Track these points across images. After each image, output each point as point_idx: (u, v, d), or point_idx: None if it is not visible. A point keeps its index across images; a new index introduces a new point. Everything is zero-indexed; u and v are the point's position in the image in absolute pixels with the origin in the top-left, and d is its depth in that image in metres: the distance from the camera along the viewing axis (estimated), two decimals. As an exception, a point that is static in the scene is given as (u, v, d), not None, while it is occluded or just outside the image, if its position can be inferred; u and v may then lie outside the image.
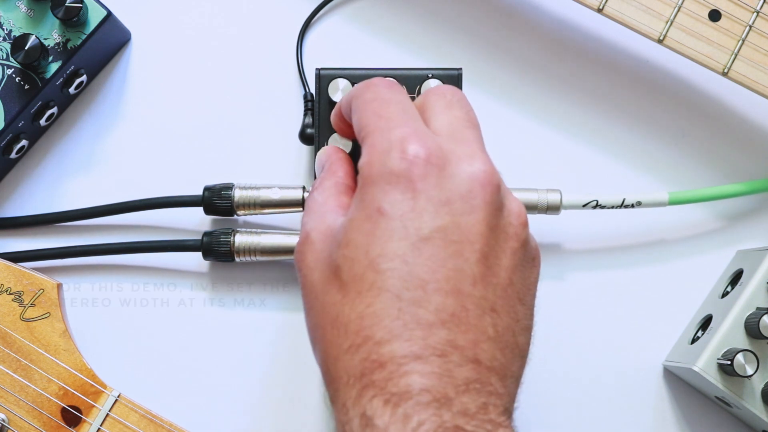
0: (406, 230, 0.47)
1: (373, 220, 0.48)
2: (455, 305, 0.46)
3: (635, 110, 0.72)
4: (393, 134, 0.49)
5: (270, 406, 0.70)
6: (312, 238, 0.51)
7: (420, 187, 0.48)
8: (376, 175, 0.49)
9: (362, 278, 0.47)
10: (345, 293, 0.48)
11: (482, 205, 0.48)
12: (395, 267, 0.47)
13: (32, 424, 0.64)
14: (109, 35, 0.70)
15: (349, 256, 0.48)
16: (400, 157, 0.48)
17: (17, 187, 0.72)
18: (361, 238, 0.48)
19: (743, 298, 0.64)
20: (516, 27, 0.73)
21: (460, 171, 0.49)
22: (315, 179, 0.57)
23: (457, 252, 0.47)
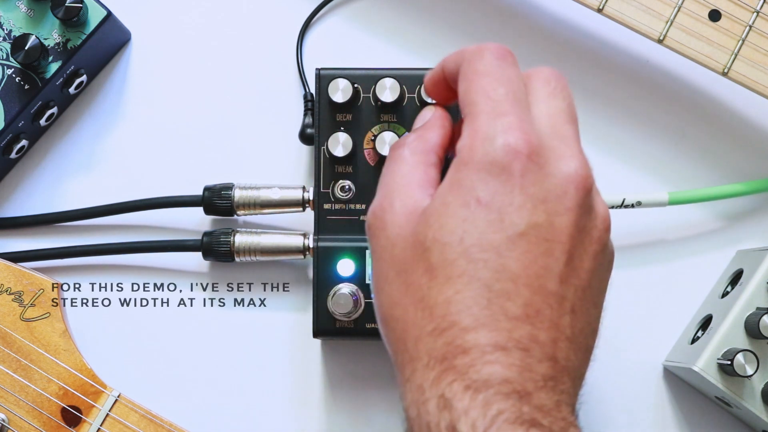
0: (503, 223, 0.47)
1: (471, 207, 0.48)
2: (541, 302, 0.47)
3: (635, 110, 0.72)
4: (500, 122, 0.49)
5: (270, 406, 0.70)
6: (396, 209, 0.51)
7: (520, 182, 0.48)
8: (477, 162, 0.48)
9: (453, 264, 0.47)
10: (432, 276, 0.48)
11: (574, 207, 0.49)
12: (489, 258, 0.47)
13: (32, 424, 0.64)
14: (109, 35, 0.70)
15: (442, 241, 0.48)
16: (504, 149, 0.48)
17: (17, 187, 0.72)
18: (457, 224, 0.48)
19: (743, 298, 0.64)
20: (516, 27, 0.72)
21: (558, 170, 0.49)
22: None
23: (548, 251, 0.48)
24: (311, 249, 0.67)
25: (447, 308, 0.47)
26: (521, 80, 0.52)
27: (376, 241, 0.51)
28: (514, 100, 0.50)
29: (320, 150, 0.67)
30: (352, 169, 0.67)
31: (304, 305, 0.70)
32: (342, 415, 0.70)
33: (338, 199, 0.67)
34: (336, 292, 0.65)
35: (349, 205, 0.67)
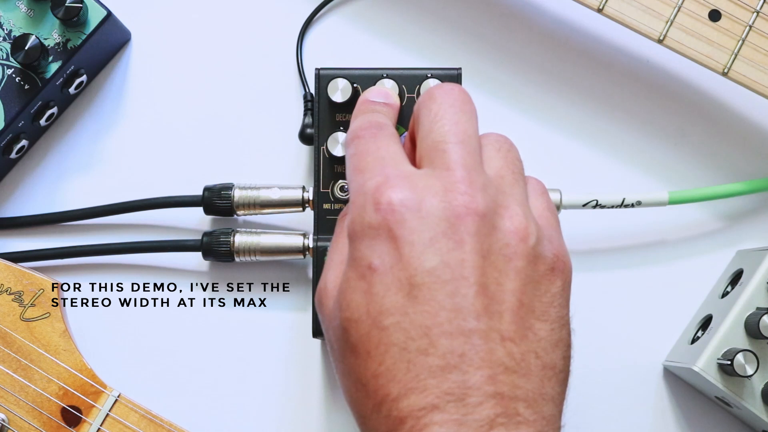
0: (399, 282, 0.47)
1: (367, 278, 0.47)
2: (463, 345, 0.45)
3: (635, 110, 0.72)
4: (366, 187, 0.49)
5: (270, 405, 0.70)
6: (329, 292, 0.51)
7: (400, 233, 0.47)
8: (359, 232, 0.48)
9: (368, 338, 0.47)
10: (357, 355, 0.47)
11: (467, 237, 0.47)
12: (397, 320, 0.46)
13: (32, 424, 0.64)
14: (109, 35, 0.70)
15: (352, 319, 0.48)
16: (374, 209, 0.48)
17: (17, 187, 0.72)
18: (360, 298, 0.48)
19: (743, 298, 0.64)
20: (516, 27, 0.72)
21: (433, 206, 0.47)
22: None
23: (453, 291, 0.46)
24: (311, 249, 0.67)
25: (376, 382, 0.46)
26: (393, 139, 0.53)
27: (324, 332, 0.52)
28: (379, 161, 0.51)
29: (320, 150, 0.67)
30: (352, 169, 0.67)
31: (304, 305, 0.70)
32: (342, 415, 0.70)
33: (338, 199, 0.67)
34: (336, 292, 0.65)
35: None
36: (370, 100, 0.59)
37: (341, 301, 0.49)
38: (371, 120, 0.54)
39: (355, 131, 0.53)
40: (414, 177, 0.49)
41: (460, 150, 0.50)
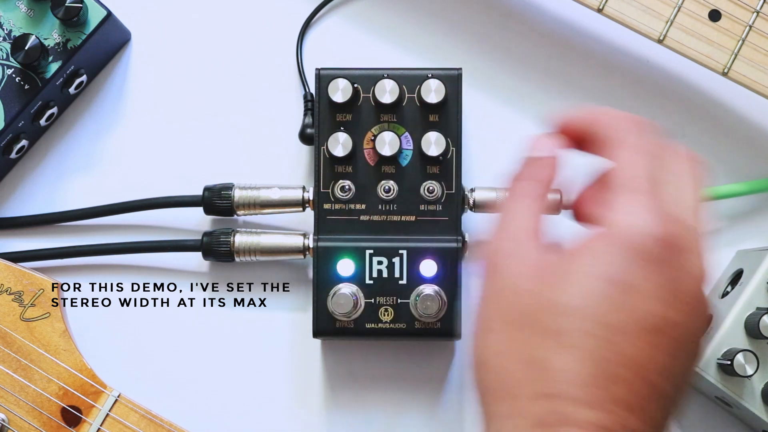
0: (633, 308, 0.47)
1: (604, 283, 0.47)
2: (647, 394, 0.47)
3: (635, 110, 0.72)
4: (652, 206, 0.48)
5: (270, 405, 0.70)
6: (519, 256, 0.50)
7: (659, 270, 0.47)
8: (623, 241, 0.47)
9: (572, 334, 0.47)
10: (546, 339, 0.47)
11: (697, 310, 0.49)
12: (611, 339, 0.46)
13: (32, 424, 0.64)
14: (109, 35, 0.70)
15: (566, 307, 0.47)
16: (653, 236, 0.47)
17: (17, 187, 0.72)
18: (585, 296, 0.47)
19: (743, 298, 0.64)
20: (516, 27, 0.72)
21: (693, 268, 0.49)
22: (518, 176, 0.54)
23: (665, 346, 0.47)
24: (311, 249, 0.67)
25: (556, 375, 0.46)
26: (672, 162, 0.51)
27: (490, 282, 0.50)
28: (665, 185, 0.50)
29: (320, 150, 0.67)
30: (352, 169, 0.67)
31: (304, 305, 0.70)
32: (342, 415, 0.70)
33: (338, 199, 0.67)
34: (336, 292, 0.65)
35: (348, 205, 0.67)
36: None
37: (559, 283, 0.48)
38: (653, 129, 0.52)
39: (648, 124, 0.53)
40: (684, 224, 0.50)
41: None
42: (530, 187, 0.53)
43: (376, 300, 0.66)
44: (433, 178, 0.67)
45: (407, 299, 0.66)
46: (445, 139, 0.66)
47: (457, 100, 0.67)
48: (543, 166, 0.54)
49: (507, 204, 0.52)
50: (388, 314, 0.66)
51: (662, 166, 0.51)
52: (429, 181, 0.67)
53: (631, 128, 0.52)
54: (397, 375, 0.70)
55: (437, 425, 0.70)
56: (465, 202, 0.67)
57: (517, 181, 0.53)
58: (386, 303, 0.66)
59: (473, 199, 0.68)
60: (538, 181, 0.53)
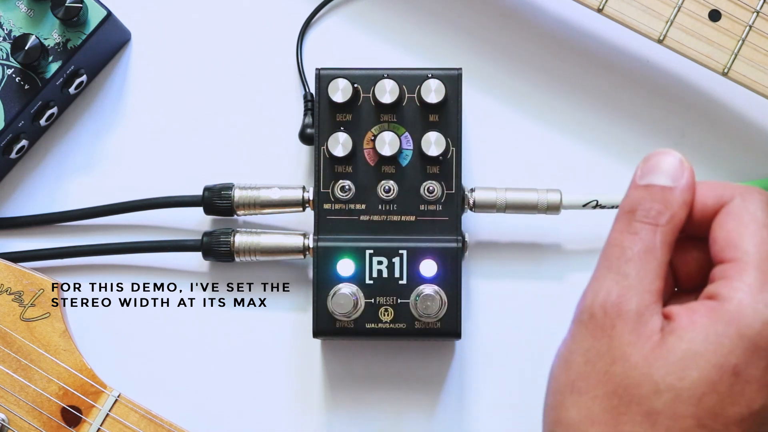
0: (743, 398, 0.45)
1: (723, 373, 0.44)
2: None
3: (635, 110, 0.72)
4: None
5: (270, 406, 0.70)
6: (632, 319, 0.45)
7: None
8: (745, 326, 0.44)
9: (681, 420, 0.44)
10: (653, 423, 0.44)
11: None
12: (717, 429, 0.44)
13: (32, 424, 0.64)
14: (109, 35, 0.70)
15: (678, 391, 0.44)
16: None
17: (17, 187, 0.72)
18: (700, 382, 0.44)
19: (743, 298, 0.64)
20: (516, 27, 0.72)
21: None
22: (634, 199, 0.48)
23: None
24: (311, 249, 0.67)
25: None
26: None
27: (596, 342, 0.46)
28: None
29: (320, 150, 0.67)
30: (352, 169, 0.67)
31: (304, 305, 0.70)
32: (342, 415, 0.70)
33: (338, 199, 0.67)
34: (336, 292, 0.65)
35: (348, 205, 0.67)
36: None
37: (674, 362, 0.45)
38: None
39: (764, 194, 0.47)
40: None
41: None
42: (659, 236, 0.46)
43: (376, 300, 0.66)
44: (433, 178, 0.67)
45: (407, 299, 0.66)
46: (445, 139, 0.66)
47: (457, 100, 0.67)
48: (673, 203, 0.47)
49: (626, 251, 0.47)
50: (388, 314, 0.66)
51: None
52: (429, 181, 0.67)
53: (755, 198, 0.47)
54: (397, 375, 0.70)
55: (437, 425, 0.70)
56: (465, 202, 0.67)
57: (639, 221, 0.47)
58: (386, 303, 0.66)
59: (473, 199, 0.68)
60: (670, 225, 0.47)
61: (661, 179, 0.47)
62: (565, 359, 0.47)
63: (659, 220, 0.46)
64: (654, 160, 0.48)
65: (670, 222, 0.47)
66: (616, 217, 0.48)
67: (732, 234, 0.46)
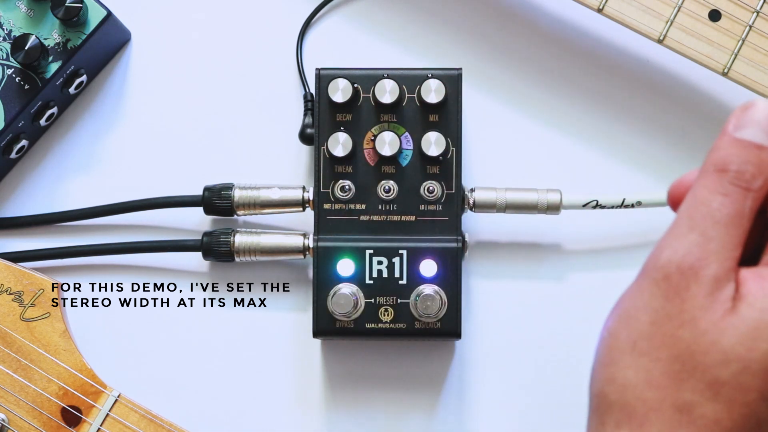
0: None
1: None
2: None
3: (635, 110, 0.72)
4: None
5: (270, 406, 0.70)
6: (709, 283, 0.43)
7: None
8: None
9: (744, 391, 0.42)
10: (715, 393, 0.43)
11: None
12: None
13: (32, 424, 0.64)
14: (109, 35, 0.70)
15: (745, 361, 0.42)
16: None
17: (17, 187, 0.72)
18: (765, 362, 0.42)
19: (743, 298, 0.64)
20: (516, 27, 0.72)
21: None
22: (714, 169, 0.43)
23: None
24: (311, 249, 0.67)
25: (711, 427, 0.42)
26: None
27: (664, 301, 0.44)
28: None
29: (320, 150, 0.67)
30: (352, 169, 0.67)
31: (304, 305, 0.70)
32: (342, 415, 0.70)
33: (338, 199, 0.67)
34: (336, 292, 0.65)
35: (348, 205, 0.67)
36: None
37: (743, 332, 0.43)
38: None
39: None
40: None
41: None
42: (753, 200, 0.43)
43: (376, 300, 0.66)
44: (433, 178, 0.67)
45: (407, 299, 0.66)
46: (445, 139, 0.66)
47: (457, 100, 0.67)
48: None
49: (714, 211, 0.43)
50: (388, 314, 0.66)
51: None
52: (429, 181, 0.67)
53: None
54: (397, 375, 0.70)
55: (437, 425, 0.70)
56: (465, 202, 0.67)
57: (732, 183, 0.43)
58: (386, 303, 0.66)
59: (473, 199, 0.68)
60: (763, 191, 0.43)
61: (758, 136, 0.43)
62: (628, 315, 0.45)
63: (752, 184, 0.43)
64: (752, 111, 0.43)
65: (763, 188, 0.43)
66: (703, 170, 0.43)
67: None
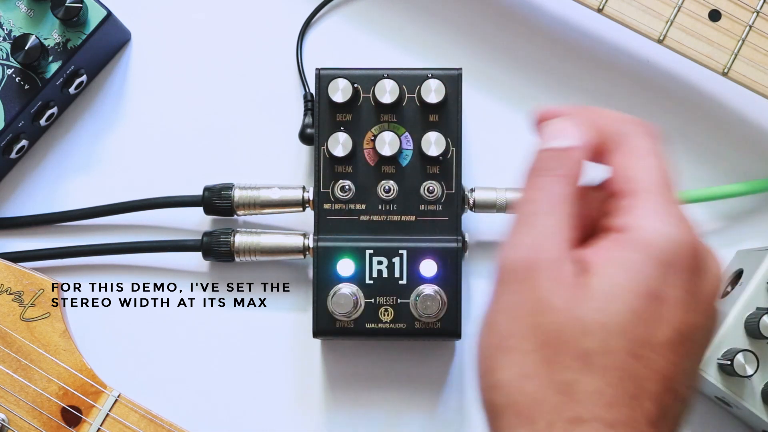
0: (671, 322, 0.45)
1: (642, 299, 0.45)
2: (672, 406, 0.46)
3: (635, 110, 0.72)
4: (674, 211, 0.47)
5: (270, 406, 0.70)
6: (548, 267, 0.46)
7: (689, 278, 0.46)
8: (653, 248, 0.45)
9: (613, 355, 0.45)
10: (587, 363, 0.45)
11: (717, 311, 0.48)
12: (650, 357, 0.45)
13: (32, 424, 0.64)
14: (109, 35, 0.70)
15: (606, 326, 0.45)
16: (679, 242, 0.46)
17: (17, 187, 0.72)
18: (625, 313, 0.45)
19: (743, 298, 0.64)
20: (516, 27, 0.72)
21: (711, 274, 0.47)
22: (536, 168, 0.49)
23: (694, 354, 0.47)
24: (311, 249, 0.67)
25: (594, 399, 0.44)
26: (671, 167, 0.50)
27: (516, 296, 0.46)
28: (677, 190, 0.48)
29: (320, 150, 0.67)
30: (352, 169, 0.67)
31: (304, 305, 0.70)
32: (342, 415, 0.70)
33: (338, 199, 0.67)
34: (336, 292, 0.65)
35: (348, 205, 0.67)
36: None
37: (597, 300, 0.46)
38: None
39: (652, 128, 0.50)
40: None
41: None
42: (561, 186, 0.48)
43: (376, 300, 0.66)
44: (433, 178, 0.67)
45: (407, 299, 0.66)
46: (445, 139, 0.66)
47: (457, 100, 0.67)
48: (570, 159, 0.49)
49: (534, 205, 0.48)
50: (388, 314, 0.66)
51: (669, 171, 0.49)
52: (429, 181, 0.67)
53: (641, 132, 0.50)
54: (397, 375, 0.70)
55: (437, 425, 0.70)
56: (465, 202, 0.67)
57: (542, 176, 0.48)
58: (386, 303, 0.66)
59: (473, 199, 0.68)
60: (567, 177, 0.48)
61: (555, 143, 0.49)
62: (490, 323, 0.47)
63: (558, 171, 0.48)
64: (550, 128, 0.50)
65: (570, 172, 0.48)
66: (524, 180, 0.49)
67: (627, 168, 0.48)
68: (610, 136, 0.50)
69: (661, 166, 0.49)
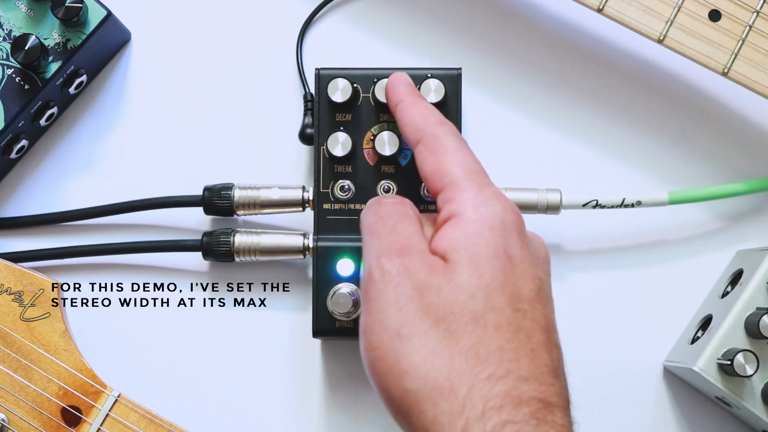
0: (532, 277, 0.51)
1: (502, 259, 0.51)
2: (558, 354, 0.51)
3: (635, 110, 0.72)
4: (497, 191, 0.54)
5: (270, 405, 0.70)
6: (414, 262, 0.51)
7: (522, 238, 0.53)
8: (488, 220, 0.52)
9: (502, 313, 0.50)
10: (481, 324, 0.49)
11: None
12: (528, 309, 0.50)
13: (32, 424, 0.64)
14: (109, 35, 0.70)
15: (488, 288, 0.50)
16: (505, 210, 0.53)
17: (17, 187, 0.72)
18: (495, 274, 0.50)
19: (743, 298, 0.64)
20: (516, 27, 0.72)
21: (530, 233, 0.55)
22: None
23: (551, 303, 0.53)
24: (311, 249, 0.67)
25: (500, 356, 0.48)
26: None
27: (396, 288, 0.51)
28: (486, 174, 0.55)
29: (320, 150, 0.67)
30: (352, 168, 0.67)
31: (304, 305, 0.70)
32: (342, 415, 0.70)
33: (338, 198, 0.67)
34: (336, 291, 0.65)
35: (348, 204, 0.67)
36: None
37: (469, 270, 0.51)
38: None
39: (449, 124, 0.57)
40: None
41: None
42: (402, 206, 0.55)
43: (376, 300, 0.66)
44: (433, 178, 0.67)
45: (407, 299, 0.66)
46: (445, 139, 0.66)
47: (457, 100, 0.67)
48: (403, 200, 0.57)
49: (389, 219, 0.54)
50: (388, 314, 0.66)
51: (477, 161, 0.55)
52: (429, 181, 0.67)
53: (448, 131, 0.56)
54: (397, 375, 0.70)
55: (437, 425, 0.70)
56: (465, 202, 0.67)
57: (383, 203, 0.56)
58: (386, 303, 0.66)
59: (473, 199, 0.67)
60: (403, 201, 0.56)
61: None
62: (379, 320, 0.51)
63: (396, 200, 0.56)
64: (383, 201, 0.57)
65: (404, 200, 0.56)
66: (363, 228, 0.55)
67: (436, 166, 0.55)
68: (423, 138, 0.56)
69: (469, 158, 0.55)
